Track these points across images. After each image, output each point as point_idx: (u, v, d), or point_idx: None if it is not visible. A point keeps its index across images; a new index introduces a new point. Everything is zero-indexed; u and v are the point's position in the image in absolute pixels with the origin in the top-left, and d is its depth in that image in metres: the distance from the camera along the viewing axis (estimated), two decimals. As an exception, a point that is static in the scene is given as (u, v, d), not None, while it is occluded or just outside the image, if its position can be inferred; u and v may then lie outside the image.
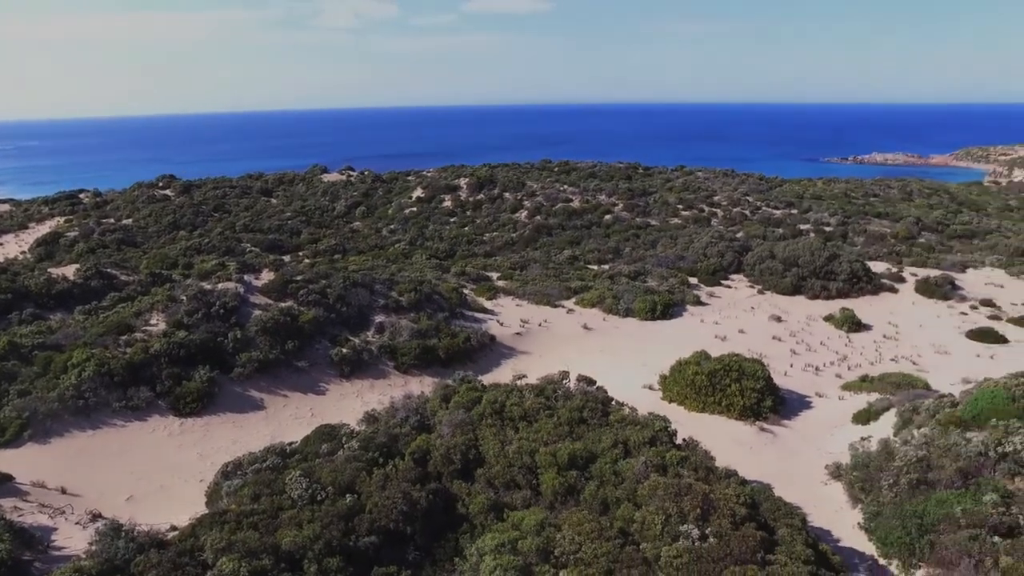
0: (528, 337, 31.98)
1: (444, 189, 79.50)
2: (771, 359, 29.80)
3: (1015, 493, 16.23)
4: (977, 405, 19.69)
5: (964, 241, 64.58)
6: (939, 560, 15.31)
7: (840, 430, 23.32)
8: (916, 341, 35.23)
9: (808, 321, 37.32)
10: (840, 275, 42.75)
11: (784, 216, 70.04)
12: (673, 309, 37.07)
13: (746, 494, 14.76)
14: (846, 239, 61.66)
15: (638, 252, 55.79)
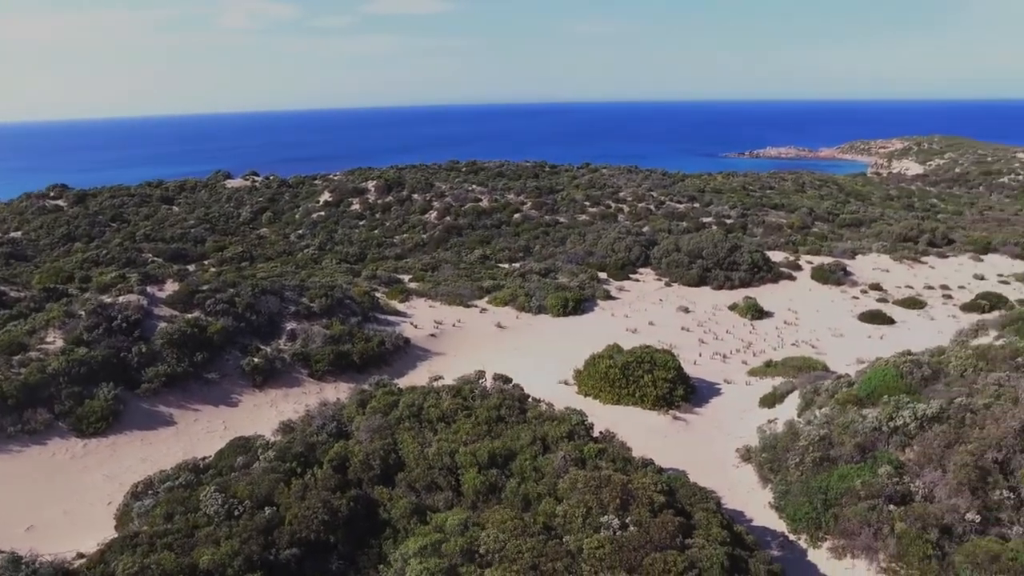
0: (443, 338, 31.96)
1: (352, 192, 78.45)
2: (681, 349, 30.71)
3: (906, 463, 17.28)
4: (870, 383, 20.82)
5: (853, 229, 68.07)
6: (843, 531, 16.17)
7: (748, 414, 24.25)
8: (814, 325, 36.95)
9: (714, 311, 38.60)
10: (742, 265, 44.37)
11: (687, 210, 72.13)
12: (584, 304, 37.70)
13: (663, 482, 15.21)
14: (746, 230, 64.04)
15: (548, 249, 56.47)
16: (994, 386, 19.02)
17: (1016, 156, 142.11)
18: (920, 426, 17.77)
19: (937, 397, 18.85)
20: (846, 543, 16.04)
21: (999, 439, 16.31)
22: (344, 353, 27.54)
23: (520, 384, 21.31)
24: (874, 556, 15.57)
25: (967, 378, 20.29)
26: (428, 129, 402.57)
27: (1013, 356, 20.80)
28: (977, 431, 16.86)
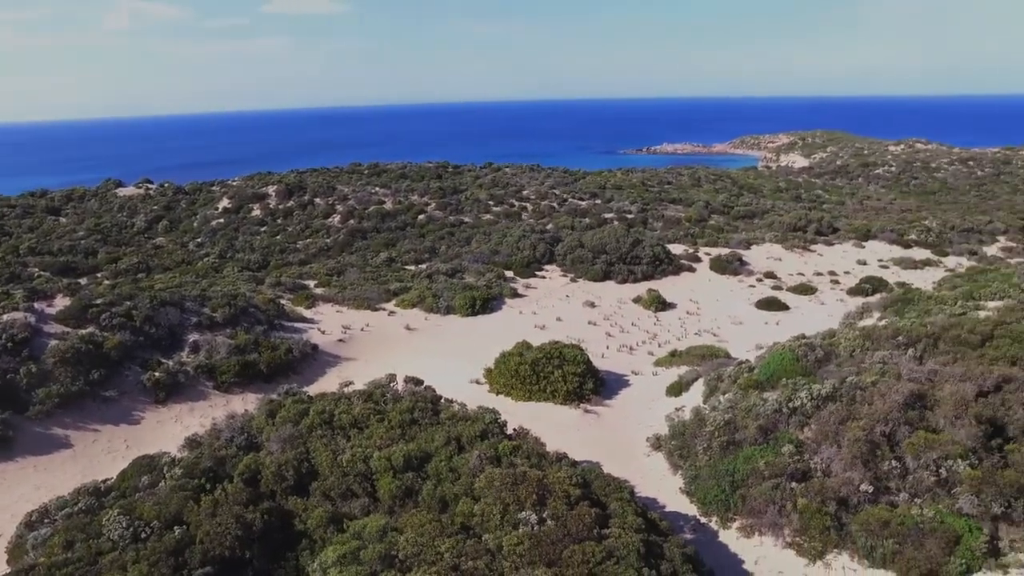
0: (351, 343, 31.53)
1: (252, 198, 76.29)
2: (589, 343, 31.27)
3: (805, 442, 18.18)
4: (769, 368, 21.77)
5: (746, 221, 70.82)
6: (750, 510, 16.89)
7: (656, 404, 24.94)
8: (715, 314, 38.29)
9: (619, 304, 39.47)
10: (644, 259, 45.52)
11: (589, 206, 73.40)
12: (492, 303, 37.90)
13: (577, 475, 15.49)
14: (647, 225, 65.69)
15: (454, 250, 56.45)
16: (879, 364, 20.23)
17: (888, 149, 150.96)
18: (816, 406, 18.71)
19: (830, 377, 19.88)
20: (754, 521, 16.76)
21: (885, 413, 17.35)
22: (250, 363, 26.81)
23: (432, 386, 21.27)
24: (780, 532, 16.33)
25: (855, 358, 21.47)
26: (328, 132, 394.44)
27: (894, 335, 22.12)
28: (866, 407, 17.88)
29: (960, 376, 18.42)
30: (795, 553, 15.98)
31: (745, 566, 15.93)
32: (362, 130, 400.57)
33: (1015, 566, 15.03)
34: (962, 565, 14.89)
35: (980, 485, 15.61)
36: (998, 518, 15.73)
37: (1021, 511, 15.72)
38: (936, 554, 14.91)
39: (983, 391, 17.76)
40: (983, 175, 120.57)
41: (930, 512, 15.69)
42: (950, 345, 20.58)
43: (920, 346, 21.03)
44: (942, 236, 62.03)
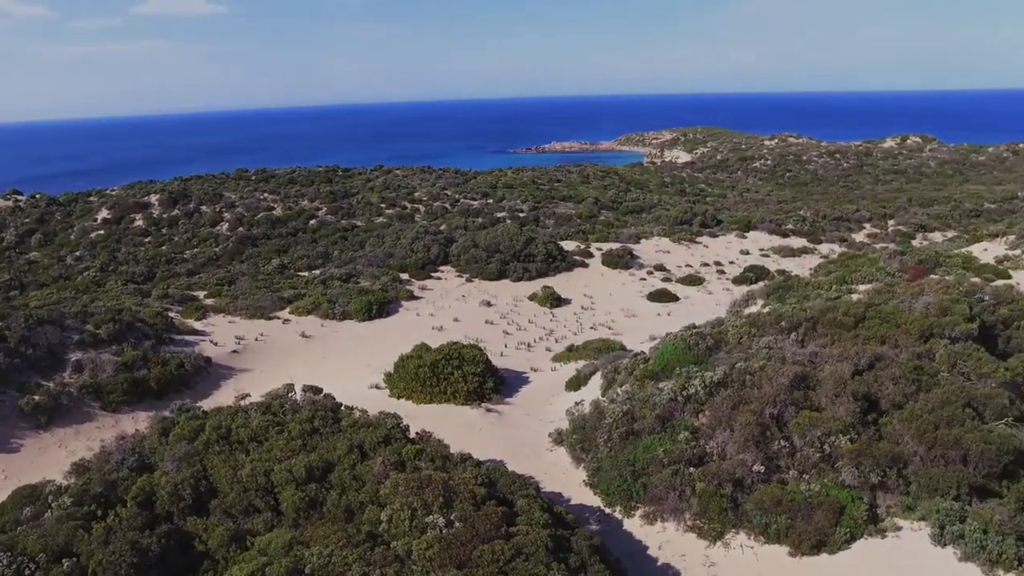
0: (246, 354, 30.53)
1: (133, 208, 72.68)
2: (487, 342, 31.43)
3: (700, 427, 18.87)
4: (663, 358, 22.45)
5: (635, 215, 72.90)
6: (651, 498, 17.39)
7: (557, 399, 25.32)
8: (609, 308, 39.20)
9: (515, 302, 39.83)
10: (538, 256, 46.10)
11: (481, 206, 73.73)
12: (389, 306, 37.52)
13: (482, 474, 15.55)
14: (539, 223, 66.56)
15: (347, 254, 55.55)
16: (765, 349, 21.20)
17: (764, 143, 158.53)
18: (709, 392, 19.44)
19: (720, 364, 20.68)
20: (656, 508, 17.27)
21: (773, 396, 18.23)
22: (140, 380, 25.55)
23: (332, 393, 20.87)
24: (681, 516, 16.90)
25: (743, 344, 22.43)
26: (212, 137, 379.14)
27: (777, 321, 23.23)
28: (756, 391, 18.72)
29: (838, 357, 19.54)
30: (696, 536, 16.57)
31: (650, 552, 16.40)
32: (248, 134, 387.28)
33: (891, 530, 16.13)
34: (847, 533, 15.85)
35: (859, 458, 16.64)
36: (876, 487, 16.82)
37: (895, 479, 16.87)
38: (824, 525, 15.80)
39: (858, 369, 18.90)
40: (848, 167, 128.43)
41: (817, 486, 16.61)
42: (828, 328, 21.77)
43: (801, 330, 22.15)
44: (816, 225, 65.69)
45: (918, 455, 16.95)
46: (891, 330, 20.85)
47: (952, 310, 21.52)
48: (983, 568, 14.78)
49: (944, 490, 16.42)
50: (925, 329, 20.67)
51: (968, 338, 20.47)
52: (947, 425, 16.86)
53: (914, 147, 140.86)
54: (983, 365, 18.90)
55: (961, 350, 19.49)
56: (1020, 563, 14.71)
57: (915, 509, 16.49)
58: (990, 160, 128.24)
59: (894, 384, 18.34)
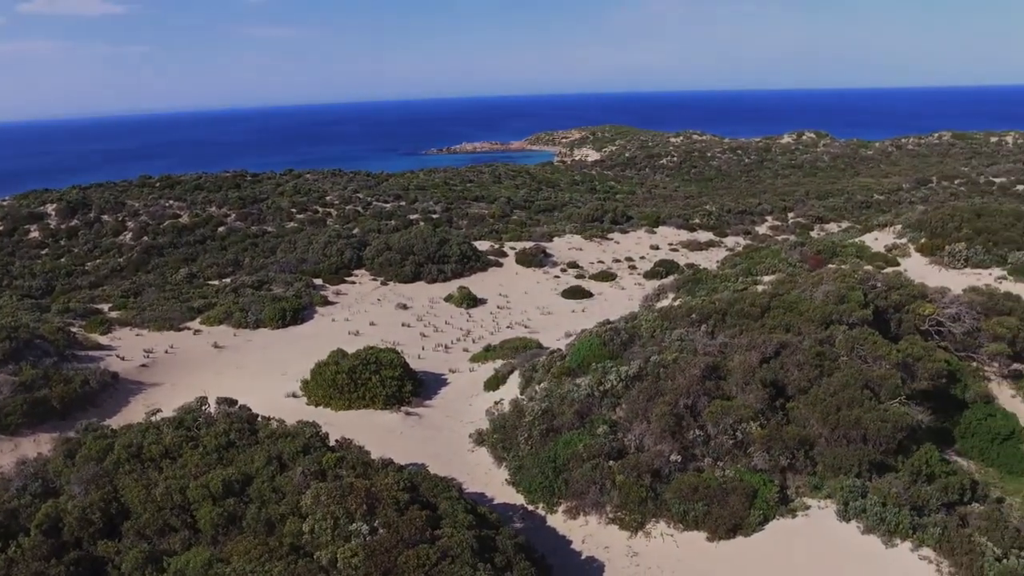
0: (156, 367, 29.37)
1: (28, 218, 68.84)
2: (404, 345, 31.22)
3: (618, 421, 19.29)
4: (579, 354, 22.82)
5: (547, 214, 73.70)
6: (573, 493, 17.68)
7: (476, 399, 25.39)
8: (524, 307, 39.53)
9: (431, 304, 39.70)
10: (452, 257, 46.07)
11: (394, 208, 73.15)
12: (303, 313, 36.81)
13: (405, 479, 15.47)
14: (452, 223, 66.54)
15: (259, 261, 54.20)
16: (678, 341, 21.81)
17: (669, 141, 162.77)
18: (625, 386, 19.88)
19: (635, 358, 21.18)
20: (578, 503, 17.57)
21: (687, 387, 18.79)
22: (40, 400, 24.25)
23: (247, 404, 20.35)
24: (602, 509, 17.24)
25: (656, 338, 22.99)
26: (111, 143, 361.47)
27: (688, 313, 23.91)
28: (670, 383, 19.26)
29: (746, 346, 20.28)
30: (618, 527, 16.94)
31: (574, 546, 16.68)
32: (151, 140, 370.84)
33: (801, 509, 16.90)
34: (760, 515, 16.51)
35: (769, 442, 17.35)
36: (785, 469, 17.59)
37: (802, 460, 17.68)
38: (739, 509, 16.41)
39: (765, 357, 19.68)
40: (750, 162, 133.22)
41: (731, 472, 17.24)
42: (736, 318, 22.56)
43: (711, 322, 22.87)
44: (721, 219, 67.88)
45: (823, 436, 17.80)
46: (794, 318, 21.77)
47: (849, 297, 22.62)
48: (883, 539, 15.65)
49: (847, 468, 17.30)
50: (825, 316, 21.68)
51: (864, 323, 21.58)
52: (848, 406, 17.76)
53: (809, 143, 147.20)
54: (878, 348, 19.96)
55: (858, 335, 20.52)
56: (915, 531, 15.66)
57: (822, 488, 17.33)
58: (877, 154, 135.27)
59: (799, 370, 19.19)
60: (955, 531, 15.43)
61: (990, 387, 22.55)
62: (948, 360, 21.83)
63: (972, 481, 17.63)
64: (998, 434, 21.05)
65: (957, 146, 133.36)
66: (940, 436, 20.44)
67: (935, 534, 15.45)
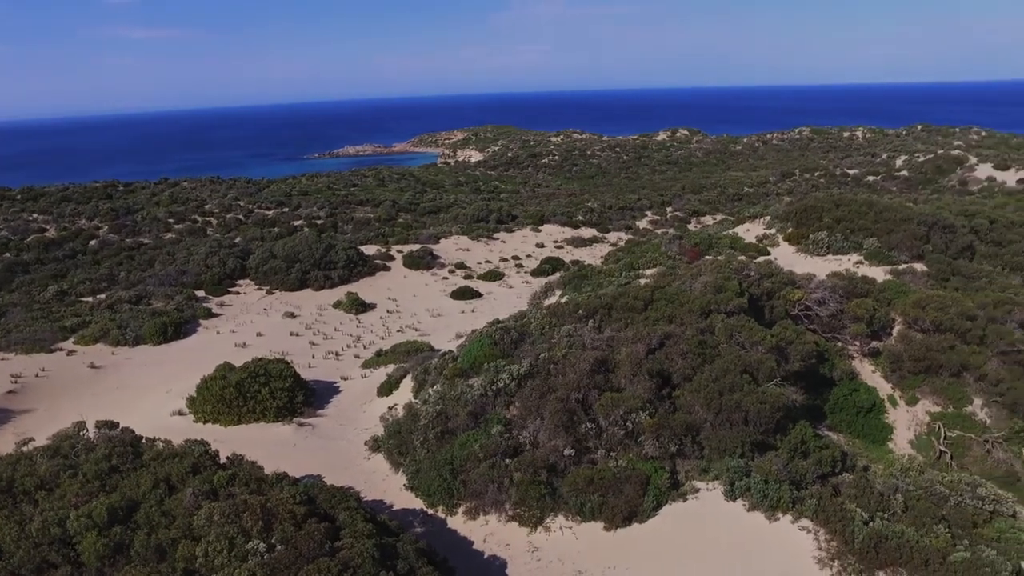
0: (26, 393, 27.49)
1: None
2: (294, 355, 30.58)
3: (512, 419, 19.59)
4: (471, 355, 23.00)
5: (433, 216, 73.55)
6: (472, 493, 17.84)
7: (370, 406, 25.16)
8: (414, 309, 39.43)
9: (320, 311, 38.99)
10: (339, 263, 45.37)
11: (277, 215, 71.21)
12: (186, 327, 35.40)
13: (301, 492, 15.21)
14: (337, 229, 65.40)
15: (136, 275, 51.51)
16: (566, 337, 22.30)
17: (551, 140, 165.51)
18: (518, 384, 20.20)
19: (526, 356, 21.54)
20: (477, 503, 17.74)
21: (577, 381, 19.30)
22: None
23: (130, 427, 19.40)
24: (502, 508, 17.49)
25: (546, 335, 23.44)
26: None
27: (575, 309, 24.48)
28: (561, 378, 19.72)
29: (632, 339, 21.00)
30: (518, 524, 17.23)
31: (475, 546, 16.84)
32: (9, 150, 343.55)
33: (691, 492, 17.69)
34: (653, 501, 17.18)
35: (658, 430, 18.06)
36: (675, 455, 18.35)
37: (690, 445, 18.49)
38: (633, 497, 17.01)
39: (651, 349, 20.46)
40: (628, 159, 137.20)
41: (623, 462, 17.84)
42: (621, 312, 23.29)
43: (598, 316, 23.51)
44: (603, 215, 69.69)
45: (708, 421, 18.68)
46: (676, 309, 22.70)
47: (725, 287, 23.78)
48: (766, 514, 16.61)
49: (731, 450, 18.23)
50: (704, 306, 22.71)
51: (740, 311, 22.75)
52: (729, 391, 18.71)
53: (683, 139, 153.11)
54: (754, 334, 21.11)
55: (735, 322, 21.64)
56: (794, 504, 16.70)
57: (709, 470, 18.19)
58: (745, 149, 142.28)
59: (683, 359, 20.05)
60: (829, 501, 16.56)
61: (853, 364, 24.27)
62: (817, 342, 23.34)
63: (842, 453, 18.93)
64: (862, 407, 22.72)
65: (816, 141, 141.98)
66: (812, 413, 21.86)
67: (812, 505, 16.54)
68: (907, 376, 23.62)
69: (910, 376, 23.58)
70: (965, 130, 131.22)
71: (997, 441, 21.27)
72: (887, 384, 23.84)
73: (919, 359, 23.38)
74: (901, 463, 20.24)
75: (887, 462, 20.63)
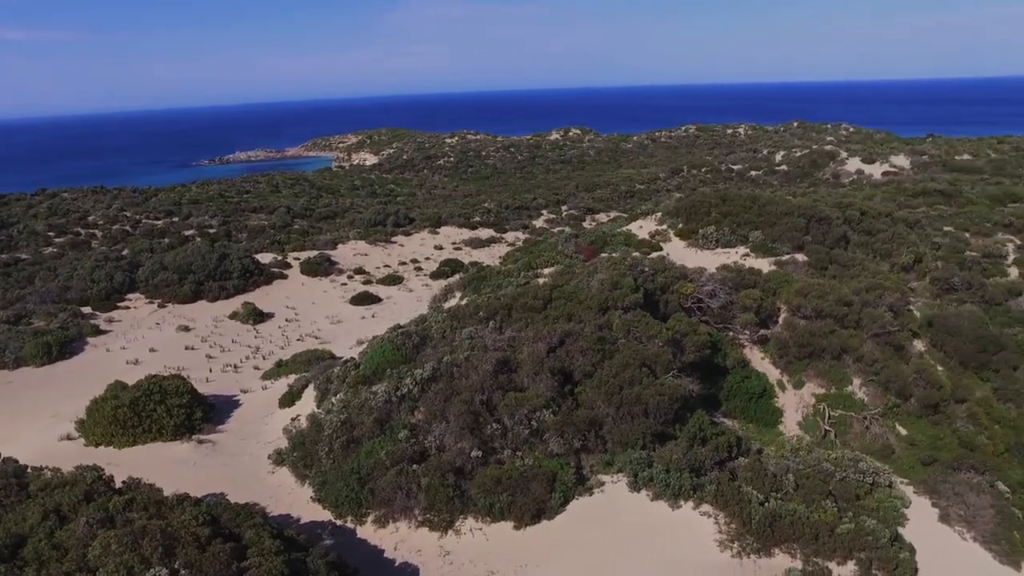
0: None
1: None
2: (190, 370, 29.58)
3: (418, 424, 19.62)
4: (373, 361, 22.86)
5: (329, 221, 72.37)
6: (380, 501, 17.79)
7: (272, 418, 24.64)
8: (314, 317, 38.75)
9: (216, 323, 37.79)
10: (234, 273, 44.05)
11: (167, 225, 68.46)
12: (72, 345, 33.59)
13: (204, 512, 14.81)
14: (231, 237, 63.46)
15: (13, 292, 48.41)
16: (468, 340, 22.48)
17: (445, 141, 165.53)
18: (421, 389, 20.25)
19: (429, 360, 21.61)
20: (386, 511, 17.70)
21: (480, 383, 19.53)
22: None
23: (12, 456, 18.37)
24: (411, 514, 17.51)
25: (448, 338, 23.56)
26: None
27: (476, 311, 24.69)
28: (464, 381, 19.89)
29: (533, 338, 21.38)
30: (428, 529, 17.31)
31: (387, 555, 16.81)
32: None
33: (597, 486, 18.20)
34: (561, 497, 17.59)
35: (562, 427, 18.49)
36: (579, 451, 18.83)
37: (594, 440, 19.01)
38: (541, 495, 17.36)
39: (552, 347, 20.89)
40: (523, 159, 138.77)
41: (530, 460, 18.17)
42: (521, 312, 23.64)
43: (498, 317, 23.79)
44: (500, 215, 70.29)
45: (610, 415, 19.24)
46: (575, 307, 23.22)
47: (621, 284, 24.49)
48: (669, 502, 17.29)
49: (633, 442, 18.85)
50: (602, 303, 23.33)
51: (636, 306, 23.50)
52: (629, 385, 19.33)
53: (575, 138, 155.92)
54: (650, 328, 21.85)
55: (632, 318, 22.33)
56: (695, 491, 17.45)
57: (613, 464, 18.75)
58: (635, 147, 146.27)
59: (583, 355, 20.56)
60: (727, 485, 17.39)
61: (744, 352, 25.45)
62: (710, 333, 24.36)
63: (737, 438, 19.88)
64: (754, 393, 23.87)
65: (702, 138, 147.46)
66: (708, 401, 22.80)
67: (712, 491, 17.33)
68: (793, 361, 24.96)
69: (796, 361, 24.92)
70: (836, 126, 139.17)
71: (874, 417, 22.77)
72: (776, 370, 25.12)
73: (803, 344, 24.74)
74: (791, 444, 21.45)
75: (778, 444, 21.78)
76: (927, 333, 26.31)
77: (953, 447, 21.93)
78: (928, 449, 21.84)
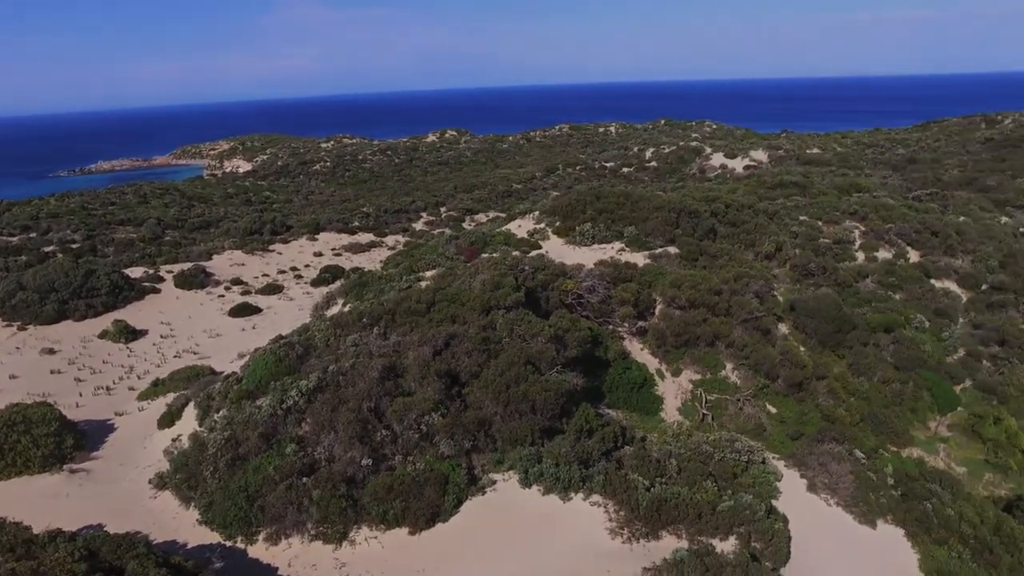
0: None
1: None
2: (57, 396, 27.94)
3: (306, 436, 19.35)
4: (256, 374, 22.30)
5: (203, 231, 69.74)
6: (271, 518, 17.47)
7: (151, 440, 23.65)
8: (191, 332, 37.32)
9: (84, 344, 35.79)
10: (102, 289, 41.80)
11: (23, 242, 64.02)
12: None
13: (80, 548, 14.13)
14: (96, 252, 60.05)
15: None
16: (353, 347, 22.33)
17: (321, 146, 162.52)
18: (308, 400, 19.98)
19: (313, 370, 21.30)
20: (277, 527, 17.39)
21: (367, 390, 19.48)
22: None
23: None
24: (303, 528, 17.29)
25: (332, 346, 23.28)
26: None
27: (359, 318, 24.52)
28: (351, 389, 19.78)
29: (418, 342, 21.49)
30: (322, 542, 17.13)
31: (280, 572, 16.54)
32: None
33: (489, 485, 18.52)
34: (454, 499, 17.79)
35: (451, 429, 18.70)
36: (470, 451, 19.10)
37: (484, 440, 19.33)
38: (434, 498, 17.51)
39: (438, 350, 21.06)
40: (400, 162, 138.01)
41: (421, 464, 18.28)
42: (405, 316, 23.66)
43: (382, 323, 23.72)
44: (379, 219, 69.75)
45: (498, 414, 19.60)
46: (458, 309, 23.47)
47: (503, 283, 24.93)
48: (560, 495, 17.81)
49: (522, 439, 19.29)
50: (485, 304, 23.67)
51: (519, 305, 23.98)
52: (516, 383, 19.75)
53: (452, 140, 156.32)
54: (533, 326, 22.37)
55: (515, 317, 22.79)
56: (584, 482, 18.05)
57: (504, 461, 19.12)
58: (511, 147, 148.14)
59: (469, 356, 20.84)
60: (614, 474, 18.09)
61: (625, 345, 26.43)
62: (591, 327, 25.15)
63: (622, 428, 20.68)
64: (635, 383, 24.84)
65: (575, 137, 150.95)
66: (592, 394, 23.56)
67: (600, 481, 17.97)
68: (671, 350, 26.13)
69: (673, 350, 26.11)
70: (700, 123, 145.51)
71: (747, 399, 24.19)
72: (655, 359, 26.22)
73: (679, 334, 25.94)
74: (672, 430, 22.47)
75: (660, 431, 22.76)
76: (790, 316, 28.13)
77: (816, 421, 23.60)
78: (795, 425, 23.40)
